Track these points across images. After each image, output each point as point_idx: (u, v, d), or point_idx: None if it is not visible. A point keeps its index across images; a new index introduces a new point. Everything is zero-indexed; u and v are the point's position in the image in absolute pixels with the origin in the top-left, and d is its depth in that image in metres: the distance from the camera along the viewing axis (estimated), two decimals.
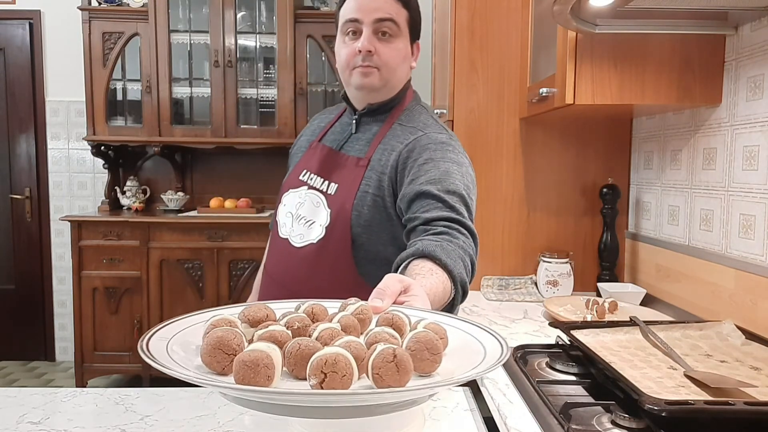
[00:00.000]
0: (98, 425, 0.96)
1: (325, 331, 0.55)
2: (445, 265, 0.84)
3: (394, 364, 0.46)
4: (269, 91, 3.39)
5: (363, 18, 1.09)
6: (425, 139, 1.08)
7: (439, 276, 0.83)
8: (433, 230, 0.93)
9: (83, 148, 3.68)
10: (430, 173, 1.00)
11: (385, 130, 1.14)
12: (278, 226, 1.20)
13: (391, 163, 1.08)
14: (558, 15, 1.24)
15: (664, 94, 1.42)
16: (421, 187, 0.99)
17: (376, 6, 1.09)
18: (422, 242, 0.89)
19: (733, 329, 1.15)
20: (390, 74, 1.14)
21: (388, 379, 0.46)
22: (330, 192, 1.13)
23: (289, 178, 1.25)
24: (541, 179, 1.89)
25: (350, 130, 1.20)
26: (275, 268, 1.20)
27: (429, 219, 0.95)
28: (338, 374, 0.45)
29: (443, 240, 0.90)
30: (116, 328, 3.20)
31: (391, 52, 1.12)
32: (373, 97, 1.17)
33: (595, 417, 0.88)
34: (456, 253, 0.88)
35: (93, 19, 3.30)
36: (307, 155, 1.24)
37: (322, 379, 0.45)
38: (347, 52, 1.12)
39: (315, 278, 1.11)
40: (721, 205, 1.41)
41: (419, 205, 0.98)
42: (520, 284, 1.82)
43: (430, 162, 1.03)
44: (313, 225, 1.13)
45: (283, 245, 1.17)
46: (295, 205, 1.18)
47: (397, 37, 1.13)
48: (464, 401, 1.06)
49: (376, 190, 1.08)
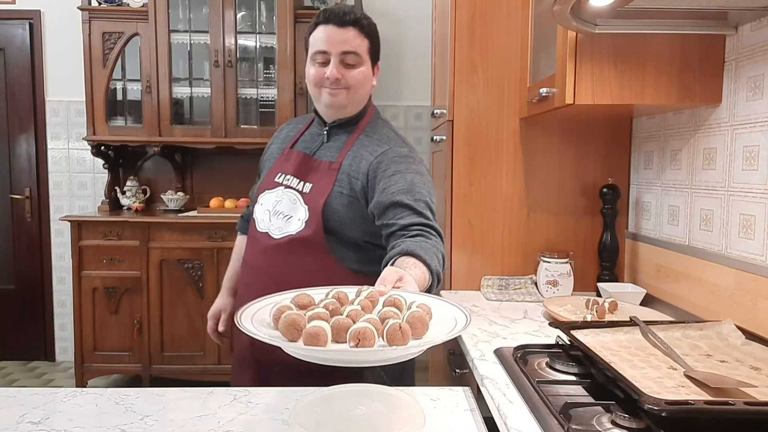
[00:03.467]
0: (98, 425, 0.96)
1: (351, 312, 0.82)
2: (424, 260, 1.06)
3: (400, 332, 0.74)
4: (269, 91, 3.39)
5: (331, 50, 1.26)
6: (391, 153, 1.27)
7: (421, 268, 1.04)
8: (410, 234, 1.14)
9: (83, 148, 3.68)
10: (399, 184, 1.21)
11: (353, 139, 1.32)
12: (256, 222, 1.33)
13: (363, 170, 1.26)
14: (558, 15, 1.24)
15: (664, 94, 1.42)
16: (393, 197, 1.19)
17: (343, 39, 1.25)
18: (404, 243, 1.10)
19: (733, 329, 1.15)
20: (354, 93, 1.30)
21: (396, 341, 0.74)
22: (305, 191, 1.29)
23: (264, 181, 1.38)
24: (541, 179, 1.89)
25: (322, 139, 1.36)
26: (255, 258, 1.32)
27: (405, 225, 1.16)
28: (367, 339, 0.74)
29: (420, 241, 1.11)
30: (116, 328, 3.19)
31: (355, 75, 1.28)
32: (341, 113, 1.33)
33: (595, 417, 0.88)
34: (431, 251, 1.10)
35: (93, 19, 3.30)
36: (281, 160, 1.38)
37: (357, 342, 0.74)
38: (315, 74, 1.29)
39: (294, 264, 1.25)
40: (721, 205, 1.41)
41: (394, 213, 1.18)
42: (520, 284, 1.82)
43: (398, 174, 1.22)
44: (290, 219, 1.27)
45: (262, 238, 1.30)
46: (272, 203, 1.32)
47: (360, 65, 1.29)
48: (464, 401, 1.06)
49: (350, 191, 1.26)
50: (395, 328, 0.74)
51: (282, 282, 1.17)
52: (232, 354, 1.46)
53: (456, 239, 1.89)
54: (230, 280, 1.55)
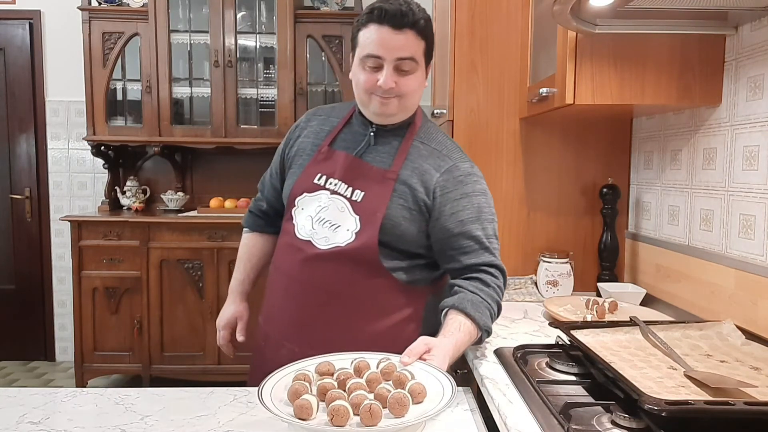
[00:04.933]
0: (98, 425, 0.96)
1: (353, 384, 0.92)
2: (473, 318, 1.13)
3: (369, 413, 0.83)
4: (269, 91, 3.39)
5: (385, 56, 1.14)
6: (456, 171, 1.21)
7: (467, 327, 1.12)
8: (472, 276, 1.19)
9: (83, 148, 3.68)
10: (467, 210, 1.19)
11: (406, 146, 1.23)
12: (295, 229, 1.23)
13: (428, 186, 1.20)
14: (558, 15, 1.24)
15: (664, 94, 1.42)
16: (462, 226, 1.19)
17: (399, 45, 1.13)
18: (458, 296, 1.16)
19: (733, 329, 1.15)
20: (407, 101, 1.20)
21: (366, 422, 0.84)
22: (355, 199, 1.19)
23: (300, 182, 1.25)
24: (541, 179, 1.89)
25: (367, 141, 1.25)
26: (293, 267, 1.22)
27: (469, 265, 1.19)
28: (339, 416, 0.83)
29: (476, 289, 1.16)
30: (116, 328, 3.19)
31: (409, 83, 1.18)
32: (390, 120, 1.23)
33: (595, 417, 0.88)
34: (483, 305, 1.15)
35: (93, 19, 3.30)
36: (319, 159, 1.26)
37: (332, 417, 0.83)
38: (366, 80, 1.17)
39: (341, 276, 1.18)
40: (721, 205, 1.41)
41: (459, 245, 1.19)
42: (520, 284, 1.82)
43: (465, 198, 1.20)
44: (338, 229, 1.18)
45: (304, 246, 1.21)
46: (314, 209, 1.21)
47: (415, 70, 1.18)
48: (464, 401, 1.06)
49: (414, 205, 1.19)
50: (365, 408, 0.83)
51: (325, 294, 1.19)
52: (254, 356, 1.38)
53: None
54: (241, 284, 1.43)
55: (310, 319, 1.22)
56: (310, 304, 1.21)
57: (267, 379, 0.94)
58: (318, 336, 1.21)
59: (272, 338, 1.27)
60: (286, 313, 1.25)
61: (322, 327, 1.21)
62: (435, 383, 0.96)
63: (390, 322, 1.21)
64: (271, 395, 0.90)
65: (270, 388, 0.92)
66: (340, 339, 1.17)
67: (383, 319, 1.21)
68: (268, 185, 1.41)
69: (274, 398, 0.89)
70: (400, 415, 0.86)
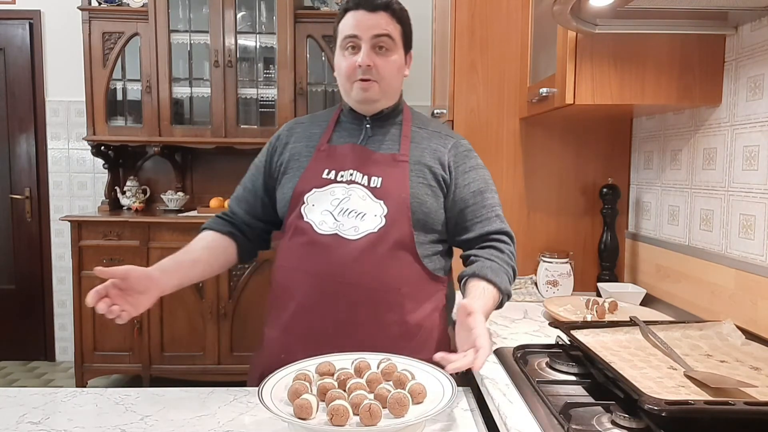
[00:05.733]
0: (98, 425, 0.96)
1: (353, 384, 0.93)
2: (494, 282, 1.15)
3: (369, 413, 0.84)
4: (269, 91, 3.39)
5: (362, 34, 1.18)
6: (460, 147, 1.29)
7: (490, 292, 1.14)
8: (485, 245, 1.24)
9: (83, 148, 3.68)
10: (478, 181, 1.26)
11: (407, 131, 1.27)
12: (313, 226, 1.18)
13: (442, 163, 1.25)
14: (558, 15, 1.24)
15: (664, 94, 1.42)
16: (476, 197, 1.25)
17: (374, 23, 1.19)
18: (476, 264, 1.20)
19: (733, 329, 1.15)
20: (387, 86, 1.23)
21: (365, 422, 0.84)
22: (374, 185, 1.20)
23: (306, 178, 1.23)
24: (541, 179, 1.89)
25: (365, 132, 1.27)
26: (325, 264, 1.16)
27: (483, 234, 1.24)
28: (339, 416, 0.84)
29: (492, 256, 1.21)
30: (116, 328, 3.19)
31: (387, 65, 1.21)
32: (374, 107, 1.25)
33: (595, 417, 0.88)
34: (501, 269, 1.19)
35: (93, 19, 3.30)
36: (320, 157, 1.25)
37: (331, 417, 0.84)
38: (347, 65, 1.21)
39: (375, 264, 1.16)
40: (721, 205, 1.41)
41: (475, 214, 1.25)
42: (520, 284, 1.82)
43: (473, 171, 1.27)
44: (365, 216, 1.17)
45: (331, 241, 1.16)
46: (330, 202, 1.19)
47: (393, 51, 1.22)
48: (464, 401, 1.06)
49: (434, 182, 1.23)
50: (365, 408, 0.84)
51: (364, 288, 1.15)
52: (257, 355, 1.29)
53: None
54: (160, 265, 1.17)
55: (348, 316, 1.16)
56: (349, 301, 1.15)
57: (267, 379, 0.94)
58: (355, 332, 1.15)
59: (299, 346, 1.15)
60: (321, 316, 1.17)
61: (360, 323, 1.16)
62: (435, 383, 0.96)
63: (423, 312, 1.21)
64: (271, 395, 0.90)
65: (270, 388, 0.92)
66: (377, 333, 1.15)
67: (417, 310, 1.20)
68: (240, 199, 1.34)
69: (274, 398, 0.89)
70: (400, 415, 0.87)
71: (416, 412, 0.88)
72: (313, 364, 1.01)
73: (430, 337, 1.20)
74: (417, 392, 0.91)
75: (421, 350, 1.14)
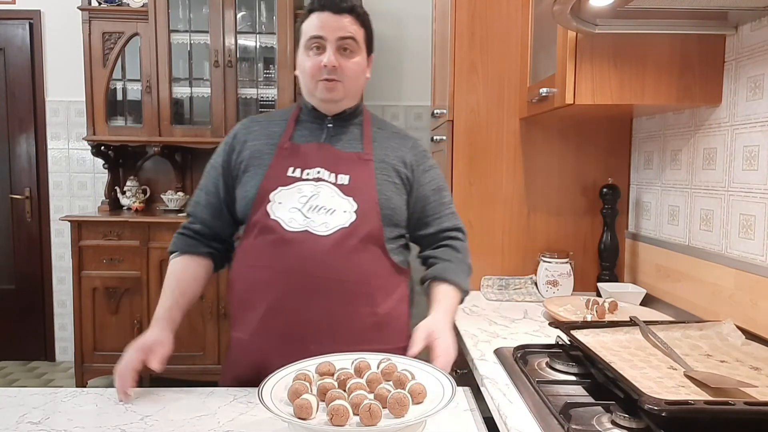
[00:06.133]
0: (98, 425, 0.96)
1: (353, 384, 0.93)
2: (454, 282, 1.27)
3: (369, 413, 0.84)
4: (269, 91, 3.39)
5: (327, 35, 1.21)
6: (418, 147, 1.35)
7: (451, 292, 1.26)
8: (441, 244, 1.33)
9: (83, 148, 3.68)
10: (436, 180, 1.34)
11: (368, 131, 1.31)
12: (281, 224, 1.18)
13: (405, 162, 1.30)
14: (558, 15, 1.24)
15: (664, 94, 1.42)
16: (435, 195, 1.32)
17: (339, 25, 1.21)
18: (436, 267, 1.30)
19: (733, 329, 1.15)
20: (350, 86, 1.26)
21: (365, 421, 0.84)
22: (342, 183, 1.21)
23: (270, 176, 1.22)
24: (541, 179, 1.89)
25: (327, 132, 1.29)
26: (294, 261, 1.16)
27: (441, 229, 1.33)
28: (339, 416, 0.84)
29: (449, 257, 1.30)
30: (116, 328, 3.19)
31: (352, 66, 1.24)
32: (337, 107, 1.28)
33: (595, 417, 0.88)
34: (459, 268, 1.29)
35: (93, 19, 3.29)
36: (283, 155, 1.24)
37: (331, 417, 0.84)
38: (312, 65, 1.23)
39: (347, 258, 1.17)
40: (721, 205, 1.41)
41: (434, 210, 1.32)
42: (520, 284, 1.82)
43: (431, 170, 1.34)
44: (335, 212, 1.19)
45: (301, 237, 1.16)
46: (298, 200, 1.19)
47: (357, 53, 1.25)
48: (464, 401, 1.06)
49: (398, 179, 1.27)
50: (365, 408, 0.84)
51: (335, 281, 1.16)
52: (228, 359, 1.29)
53: None
54: (169, 310, 1.27)
55: (322, 311, 1.16)
56: (323, 296, 1.16)
57: (267, 379, 0.94)
58: (329, 327, 1.16)
59: (273, 346, 1.17)
60: (295, 312, 1.16)
61: (334, 317, 1.17)
62: (435, 383, 0.96)
63: (391, 303, 1.24)
64: (272, 395, 0.90)
65: (270, 388, 0.92)
66: (351, 326, 1.17)
67: (386, 301, 1.23)
68: (203, 205, 1.32)
69: (274, 398, 0.89)
70: (400, 415, 0.87)
71: (416, 412, 0.88)
72: (313, 364, 1.02)
73: (398, 327, 1.25)
74: (417, 392, 0.91)
75: (390, 339, 1.21)
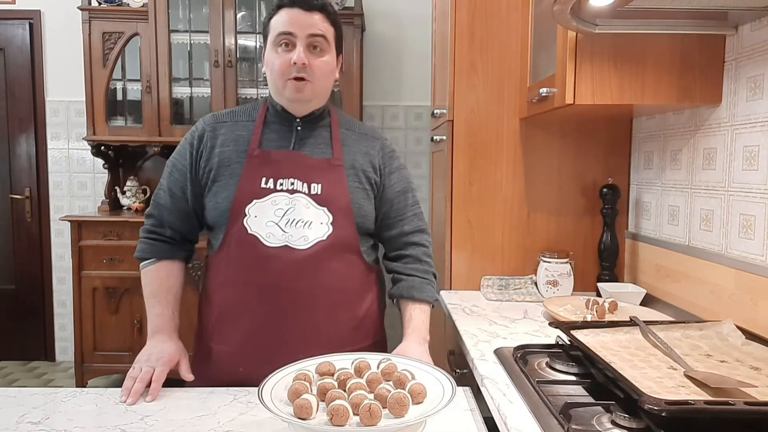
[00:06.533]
0: (98, 425, 0.96)
1: (353, 384, 0.93)
2: (420, 300, 1.29)
3: (369, 413, 0.84)
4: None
5: (297, 32, 1.18)
6: (386, 149, 1.34)
7: (419, 309, 1.29)
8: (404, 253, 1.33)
9: (83, 148, 3.68)
10: (402, 182, 1.33)
11: (337, 134, 1.28)
12: (259, 239, 1.17)
13: (374, 166, 1.29)
14: (558, 15, 1.24)
15: (664, 94, 1.42)
16: (400, 197, 1.32)
17: (310, 23, 1.19)
18: (401, 284, 1.31)
19: (733, 329, 1.15)
20: (320, 86, 1.23)
21: (365, 421, 0.84)
22: (315, 192, 1.20)
23: (244, 188, 1.19)
24: (541, 179, 1.89)
25: (296, 135, 1.26)
26: (273, 277, 1.17)
27: (405, 232, 1.33)
28: (339, 416, 0.84)
29: (413, 271, 1.31)
30: (116, 328, 3.19)
31: (321, 65, 1.21)
32: (306, 107, 1.25)
33: (595, 417, 0.88)
34: (424, 283, 1.31)
35: (93, 19, 3.29)
36: (255, 164, 1.21)
37: (331, 417, 0.84)
38: (281, 62, 1.19)
39: (328, 271, 1.20)
40: (721, 205, 1.41)
41: (398, 213, 1.32)
42: (520, 284, 1.82)
43: (397, 171, 1.33)
44: (312, 225, 1.19)
45: (281, 253, 1.17)
46: (273, 213, 1.18)
47: (327, 52, 1.22)
48: (464, 401, 1.06)
49: (367, 185, 1.27)
50: (365, 408, 0.84)
51: (315, 295, 1.19)
52: None
53: (456, 239, 1.89)
54: (172, 319, 1.26)
55: (307, 323, 1.19)
56: (306, 308, 1.19)
57: (267, 379, 0.94)
58: (313, 335, 1.19)
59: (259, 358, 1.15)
60: (281, 326, 1.18)
61: (318, 326, 1.20)
62: (435, 383, 0.96)
63: (366, 303, 1.29)
64: (272, 395, 0.90)
65: (270, 388, 0.92)
66: (334, 332, 1.21)
67: (363, 302, 1.28)
68: (170, 208, 1.28)
69: (274, 398, 0.89)
70: (400, 415, 0.87)
71: (416, 412, 0.88)
72: (313, 364, 1.02)
73: (372, 323, 1.31)
74: (417, 392, 0.91)
75: (366, 337, 1.28)
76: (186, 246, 1.35)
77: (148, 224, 1.31)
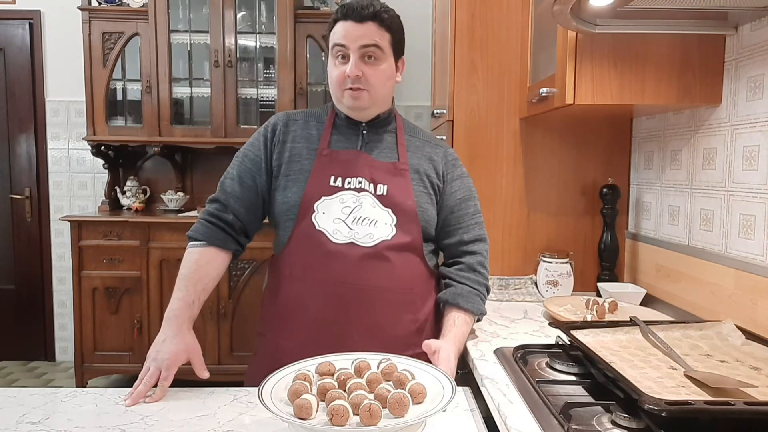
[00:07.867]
0: (98, 425, 0.96)
1: (353, 384, 0.93)
2: (466, 309, 1.27)
3: (369, 413, 0.84)
4: (269, 91, 3.39)
5: (350, 44, 1.20)
6: (449, 156, 1.35)
7: (462, 318, 1.26)
8: (459, 261, 1.32)
9: (83, 148, 3.68)
10: (463, 189, 1.34)
11: (402, 139, 1.32)
12: (326, 235, 1.20)
13: (437, 171, 1.31)
14: (558, 15, 1.24)
15: (664, 94, 1.42)
16: (461, 204, 1.33)
17: (361, 34, 1.20)
18: (450, 290, 1.28)
19: (733, 329, 1.15)
20: (376, 94, 1.25)
21: (365, 421, 0.84)
22: (381, 193, 1.24)
23: (314, 184, 1.22)
24: (541, 179, 1.89)
25: (362, 139, 1.29)
26: (339, 273, 1.19)
27: (463, 240, 1.32)
28: (339, 416, 0.83)
29: (465, 279, 1.29)
30: (116, 328, 3.19)
31: (376, 74, 1.23)
32: (366, 114, 1.28)
33: (595, 417, 0.88)
34: (473, 293, 1.28)
35: (93, 19, 3.30)
36: (324, 161, 1.25)
37: (331, 417, 0.84)
38: (337, 74, 1.23)
39: (391, 268, 1.21)
40: (721, 205, 1.41)
41: (458, 221, 1.32)
42: (520, 284, 1.82)
43: (459, 179, 1.34)
44: (377, 224, 1.21)
45: (347, 249, 1.19)
46: (340, 210, 1.21)
47: (382, 60, 1.23)
48: (464, 401, 1.06)
49: (431, 189, 1.29)
50: (365, 408, 0.84)
51: (378, 292, 1.20)
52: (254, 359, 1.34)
53: None
54: (190, 308, 1.24)
55: (370, 321, 1.20)
56: (369, 306, 1.20)
57: (267, 379, 0.94)
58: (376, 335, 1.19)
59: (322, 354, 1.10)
60: (345, 323, 1.19)
61: (381, 325, 1.21)
62: (435, 383, 0.96)
63: (428, 307, 1.30)
64: (271, 395, 0.90)
65: (270, 388, 0.92)
66: (397, 333, 1.22)
67: (425, 306, 1.28)
68: (237, 196, 1.27)
69: (274, 398, 0.89)
70: (400, 415, 0.87)
71: (416, 412, 0.88)
72: (313, 364, 1.02)
73: (431, 330, 1.30)
74: (417, 392, 0.91)
75: None
76: (241, 239, 1.30)
77: (211, 208, 1.28)
